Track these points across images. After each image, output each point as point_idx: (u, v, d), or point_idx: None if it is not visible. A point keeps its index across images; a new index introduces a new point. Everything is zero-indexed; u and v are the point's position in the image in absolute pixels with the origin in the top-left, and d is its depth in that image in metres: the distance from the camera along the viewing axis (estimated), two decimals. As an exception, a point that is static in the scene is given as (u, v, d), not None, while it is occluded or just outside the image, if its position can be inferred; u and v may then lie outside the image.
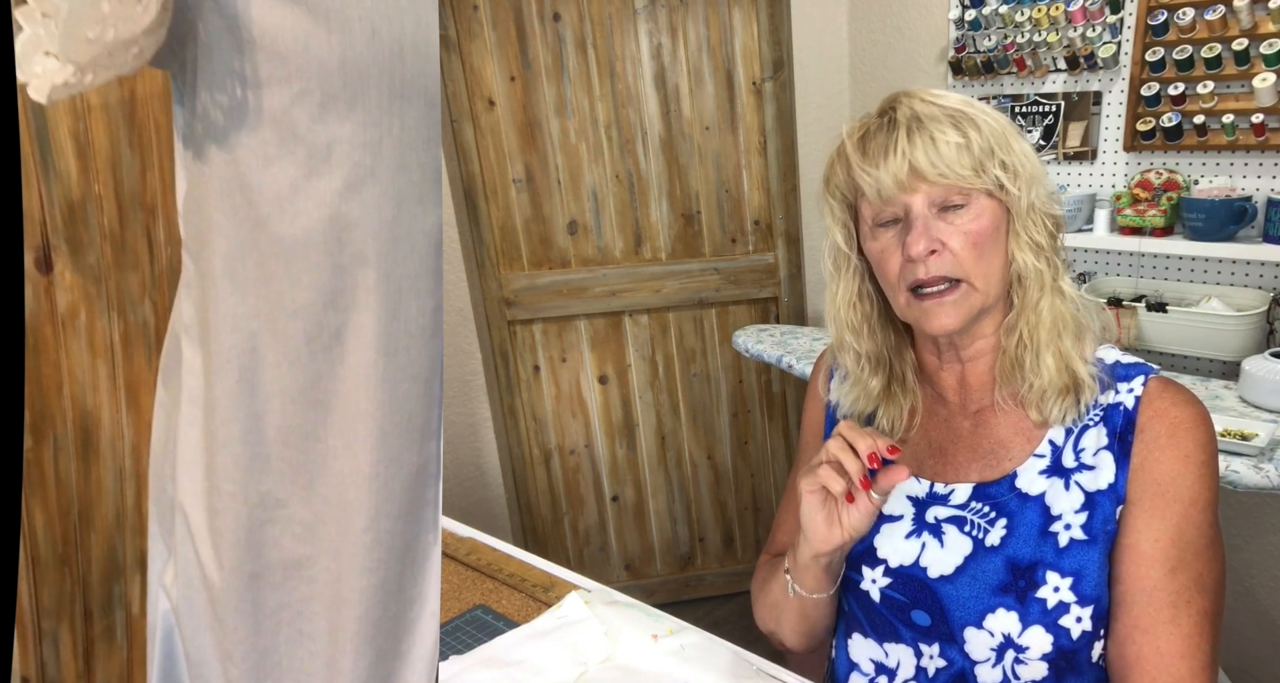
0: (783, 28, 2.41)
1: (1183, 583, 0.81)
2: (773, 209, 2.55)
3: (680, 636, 1.16)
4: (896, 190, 0.83)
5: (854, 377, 0.96)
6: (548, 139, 2.45)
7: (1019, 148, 0.85)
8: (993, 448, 0.91)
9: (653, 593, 2.71)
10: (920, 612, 0.90)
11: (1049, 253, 0.86)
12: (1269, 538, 1.94)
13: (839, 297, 0.95)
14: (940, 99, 0.85)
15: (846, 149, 0.87)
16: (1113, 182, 2.01)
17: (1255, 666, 2.02)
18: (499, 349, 2.61)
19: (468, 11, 2.32)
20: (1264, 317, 1.78)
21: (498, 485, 2.70)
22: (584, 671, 1.12)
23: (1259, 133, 1.72)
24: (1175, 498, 0.82)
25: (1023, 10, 2.01)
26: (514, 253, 2.54)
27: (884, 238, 0.86)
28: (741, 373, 2.69)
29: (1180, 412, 0.84)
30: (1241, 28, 1.72)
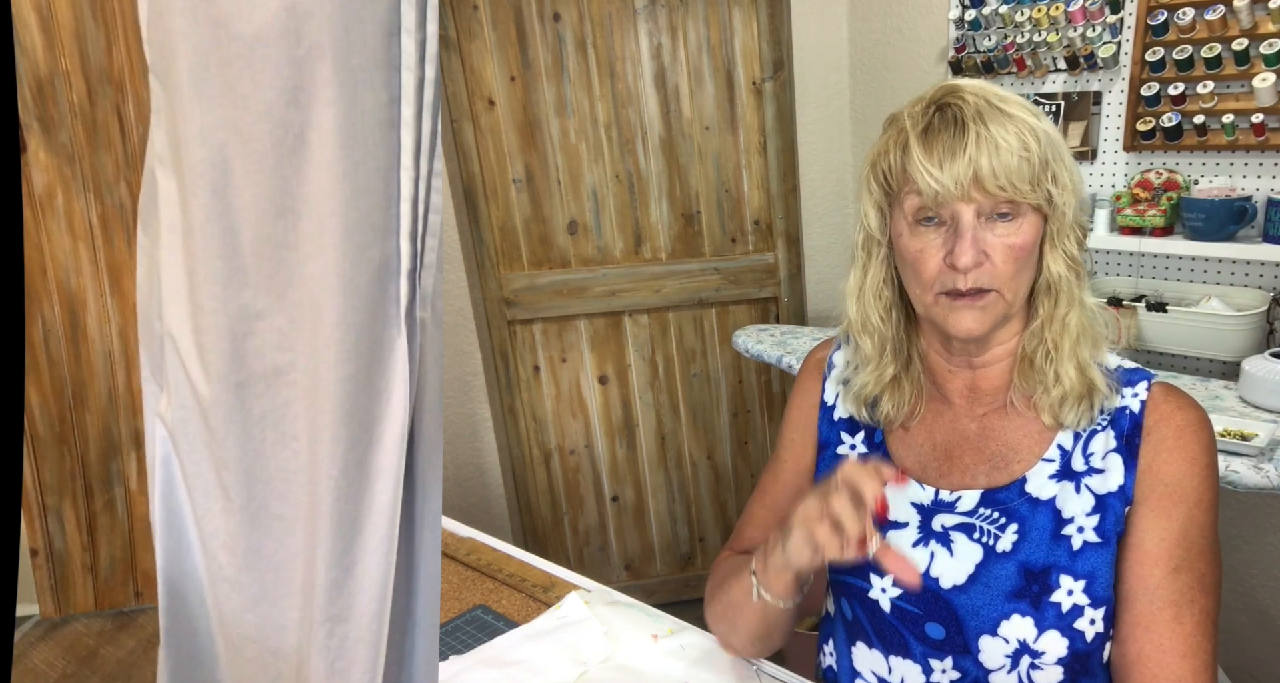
0: (783, 28, 2.41)
1: (1186, 582, 0.82)
2: (773, 209, 2.55)
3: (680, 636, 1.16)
4: (954, 195, 0.81)
5: (872, 361, 0.95)
6: (548, 139, 2.45)
7: (1068, 160, 0.85)
8: (1000, 451, 0.91)
9: (653, 593, 2.71)
10: (934, 624, 0.89)
11: (1078, 265, 0.86)
12: (1269, 538, 1.94)
13: (868, 281, 0.93)
14: (1004, 102, 0.83)
15: (909, 139, 0.83)
16: (1113, 182, 2.01)
17: (1255, 666, 2.02)
18: (499, 349, 2.61)
19: (468, 11, 2.32)
20: (1264, 317, 1.78)
21: (498, 485, 2.70)
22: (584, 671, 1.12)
23: (1259, 133, 1.72)
24: (1181, 498, 0.83)
25: (1023, 10, 2.01)
26: (514, 253, 2.54)
27: (924, 236, 0.84)
28: (741, 373, 2.69)
29: (1185, 415, 0.85)
30: (1241, 28, 1.71)
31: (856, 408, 0.97)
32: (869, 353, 0.95)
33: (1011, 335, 0.90)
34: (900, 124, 0.86)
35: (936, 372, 0.95)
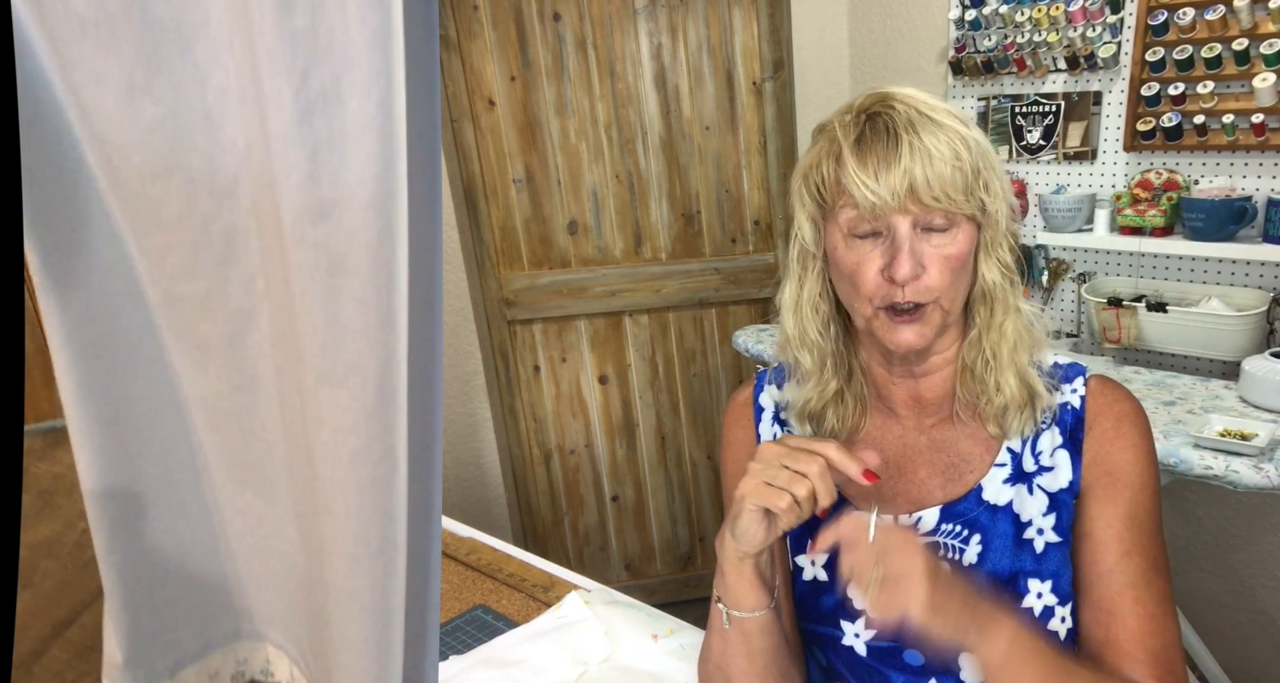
0: (783, 28, 2.41)
1: (1139, 566, 0.83)
2: (773, 209, 2.55)
3: (680, 636, 1.16)
4: (891, 207, 0.80)
5: (815, 376, 0.93)
6: (548, 139, 2.45)
7: (998, 168, 0.84)
8: (953, 462, 0.90)
9: (653, 593, 2.70)
10: (912, 652, 0.88)
11: (1012, 272, 0.86)
12: (1269, 538, 1.94)
13: (804, 295, 0.91)
14: (933, 110, 0.82)
15: (842, 150, 0.82)
16: (1113, 182, 2.01)
17: (1255, 666, 2.02)
18: (499, 349, 2.61)
19: (468, 11, 2.32)
20: (1264, 317, 1.78)
21: (498, 486, 2.70)
22: (584, 671, 1.12)
23: (1259, 133, 1.72)
24: (1126, 485, 0.85)
25: (1023, 10, 2.01)
26: (514, 253, 2.54)
27: (860, 249, 0.83)
28: (741, 373, 2.69)
29: (1123, 406, 0.88)
30: (1241, 28, 1.71)
31: (800, 424, 0.96)
32: (809, 368, 0.93)
33: (949, 345, 0.89)
34: (831, 134, 0.84)
35: (880, 384, 0.94)
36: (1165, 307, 1.85)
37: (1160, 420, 1.58)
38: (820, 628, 0.94)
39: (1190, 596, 2.07)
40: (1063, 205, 1.99)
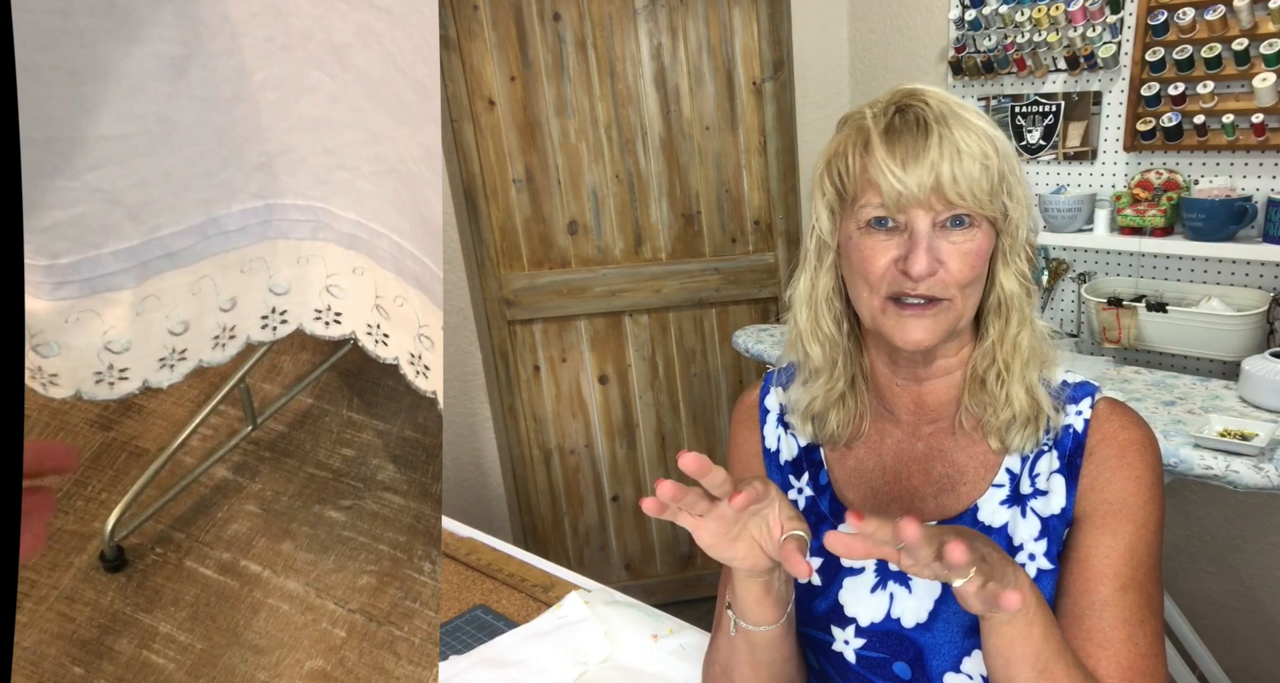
0: (783, 28, 2.41)
1: (1135, 602, 0.80)
2: (773, 209, 2.55)
3: (680, 636, 1.16)
4: (916, 199, 0.78)
5: (824, 374, 0.91)
6: (548, 139, 2.45)
7: (1022, 177, 0.83)
8: (946, 473, 0.89)
9: (653, 593, 2.71)
10: (901, 664, 0.88)
11: (1029, 283, 0.85)
12: (1269, 538, 1.94)
13: (818, 288, 0.89)
14: (964, 109, 0.81)
15: (871, 138, 0.80)
16: (1113, 182, 2.01)
17: (1255, 666, 2.02)
18: (499, 349, 2.61)
19: (468, 11, 2.32)
20: (1264, 317, 1.78)
21: (498, 485, 2.70)
22: (584, 671, 1.12)
23: (1259, 133, 1.72)
24: (1128, 518, 0.81)
25: (1023, 10, 2.01)
26: (514, 253, 2.54)
27: (875, 238, 0.81)
28: (741, 373, 2.69)
29: (1129, 434, 0.83)
30: (1241, 28, 1.71)
31: (802, 425, 0.94)
32: (819, 364, 0.91)
33: (956, 351, 0.88)
34: (858, 123, 0.83)
35: (883, 388, 0.92)
36: (1165, 307, 1.85)
37: (1160, 420, 1.58)
38: (811, 631, 0.93)
39: (1190, 596, 2.07)
40: (1063, 205, 1.99)
